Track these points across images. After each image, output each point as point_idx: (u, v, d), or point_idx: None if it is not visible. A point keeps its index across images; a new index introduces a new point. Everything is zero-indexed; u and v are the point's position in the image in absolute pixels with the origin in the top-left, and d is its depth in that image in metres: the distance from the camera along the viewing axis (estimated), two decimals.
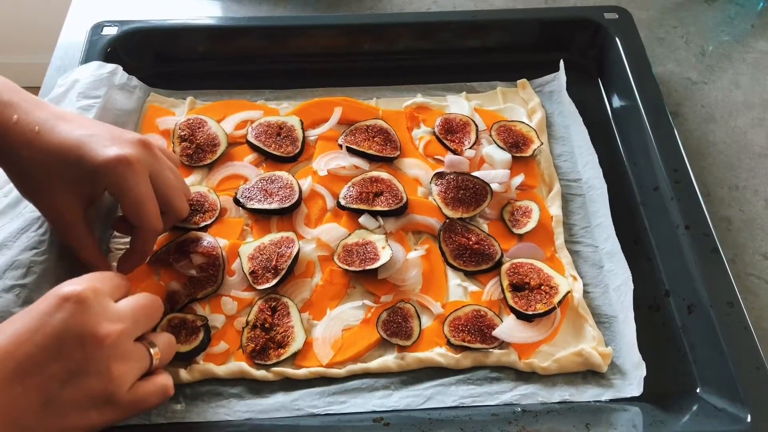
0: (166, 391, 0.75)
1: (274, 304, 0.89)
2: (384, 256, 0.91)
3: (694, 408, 0.81)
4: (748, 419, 0.77)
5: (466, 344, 0.86)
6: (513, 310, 0.88)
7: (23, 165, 0.80)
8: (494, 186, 0.99)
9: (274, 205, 0.96)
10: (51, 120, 0.80)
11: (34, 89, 0.94)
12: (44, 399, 0.66)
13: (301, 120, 1.06)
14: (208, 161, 1.02)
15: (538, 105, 1.11)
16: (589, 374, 0.85)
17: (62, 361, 0.66)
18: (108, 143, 0.80)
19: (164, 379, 0.75)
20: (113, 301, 0.72)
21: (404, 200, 0.97)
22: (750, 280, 0.95)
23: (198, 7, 1.29)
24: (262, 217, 0.98)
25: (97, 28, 1.12)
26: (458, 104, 1.10)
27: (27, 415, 0.65)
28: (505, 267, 0.92)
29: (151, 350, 0.75)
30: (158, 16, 1.20)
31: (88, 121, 0.85)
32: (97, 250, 0.86)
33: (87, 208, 0.84)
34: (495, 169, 1.02)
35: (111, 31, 1.12)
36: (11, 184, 0.90)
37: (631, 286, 0.89)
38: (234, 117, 1.08)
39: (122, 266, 0.86)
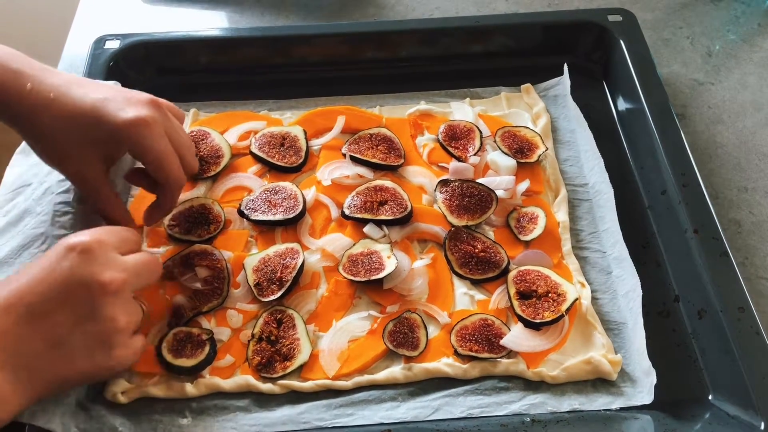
0: (143, 349, 0.80)
1: (279, 316, 0.89)
2: (389, 266, 0.90)
3: (707, 416, 0.80)
4: (762, 427, 0.76)
5: (473, 354, 0.85)
6: (520, 319, 0.87)
7: (43, 131, 0.83)
8: (499, 192, 0.98)
9: (279, 216, 0.96)
10: (64, 85, 0.84)
11: None
12: (53, 343, 0.70)
13: (304, 130, 1.06)
14: (212, 173, 1.02)
15: (542, 110, 1.10)
16: (599, 382, 0.84)
17: (69, 308, 0.71)
18: (124, 105, 0.83)
19: (143, 339, 0.80)
20: (119, 253, 0.76)
21: (409, 209, 0.96)
22: (761, 284, 0.93)
23: (200, 19, 1.29)
24: (267, 229, 0.97)
25: (100, 42, 1.12)
26: (462, 111, 1.10)
27: (36, 358, 0.70)
28: (511, 275, 0.91)
29: (143, 307, 0.79)
30: (160, 28, 1.20)
31: (99, 84, 0.89)
32: (122, 208, 0.91)
33: (109, 168, 0.89)
34: (500, 175, 1.01)
35: (113, 45, 1.12)
36: (11, 204, 0.91)
37: (640, 292, 0.88)
38: (237, 128, 1.07)
39: (148, 219, 0.92)
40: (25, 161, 0.97)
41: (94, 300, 0.72)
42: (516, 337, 0.86)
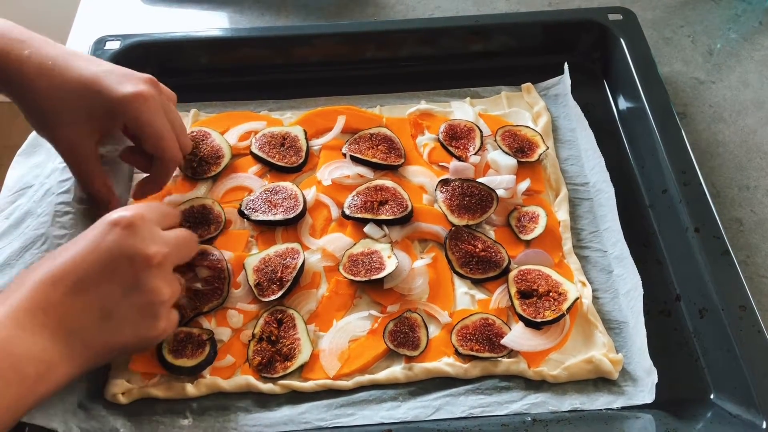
0: (176, 325, 0.82)
1: (280, 316, 0.89)
2: (390, 266, 0.90)
3: (708, 415, 0.80)
4: (764, 425, 0.75)
5: (474, 353, 0.85)
6: (521, 318, 0.87)
7: (39, 98, 0.84)
8: (500, 192, 0.98)
9: (279, 216, 0.96)
10: (64, 56, 0.85)
11: None
12: (101, 314, 0.73)
13: (304, 130, 1.06)
14: (213, 173, 1.02)
15: (543, 109, 1.10)
16: (600, 382, 0.84)
17: (116, 280, 0.73)
18: (123, 80, 0.85)
19: (177, 313, 0.82)
20: (159, 228, 0.79)
21: (409, 208, 0.96)
22: (763, 283, 0.93)
23: (199, 19, 1.29)
24: (267, 229, 0.97)
25: (100, 42, 1.12)
26: (462, 110, 1.10)
27: (87, 329, 0.72)
28: (512, 274, 0.91)
29: (181, 282, 0.82)
30: (160, 29, 1.20)
31: (98, 59, 0.90)
32: (107, 183, 0.91)
33: (99, 142, 0.89)
34: (500, 174, 1.01)
35: (114, 46, 1.12)
36: (13, 206, 0.91)
37: (641, 291, 0.88)
38: (237, 128, 1.07)
39: (138, 193, 0.93)
40: (26, 163, 0.97)
41: (140, 272, 0.74)
42: (517, 336, 0.86)
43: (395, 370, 0.85)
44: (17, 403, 0.66)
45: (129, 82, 0.85)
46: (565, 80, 1.11)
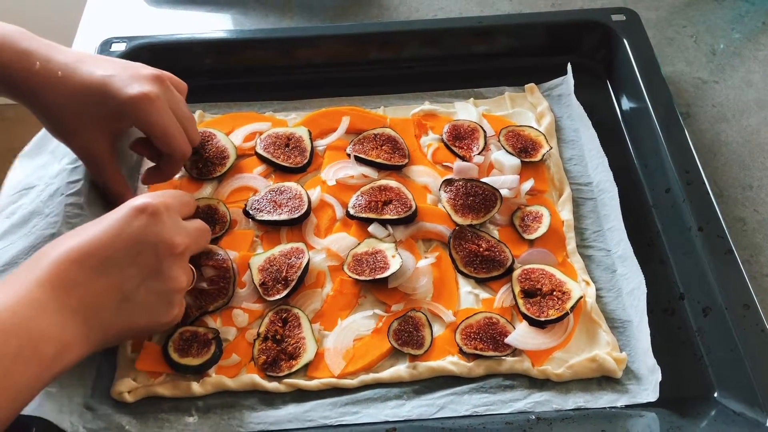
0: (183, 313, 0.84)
1: (285, 315, 0.89)
2: (394, 265, 0.91)
3: (712, 413, 0.80)
4: (767, 423, 0.75)
5: (478, 352, 0.85)
6: (525, 317, 0.87)
7: (51, 108, 0.87)
8: (504, 192, 0.98)
9: (284, 216, 0.96)
10: (72, 63, 0.86)
11: None
12: (121, 297, 0.74)
13: (309, 130, 1.06)
14: (218, 174, 1.03)
15: (546, 109, 1.10)
16: (604, 380, 0.84)
17: (138, 265, 0.75)
18: (129, 81, 0.86)
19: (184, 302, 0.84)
20: (180, 217, 0.81)
21: (413, 208, 0.97)
22: (766, 281, 0.93)
23: (204, 21, 1.30)
24: (272, 229, 0.98)
25: (106, 44, 1.13)
26: (466, 110, 1.10)
27: (105, 310, 0.73)
28: (516, 273, 0.91)
29: (194, 272, 0.85)
30: (165, 31, 1.20)
31: (105, 60, 0.91)
32: (124, 182, 0.95)
33: (114, 143, 0.92)
34: (504, 174, 1.01)
35: (119, 47, 1.13)
36: (15, 206, 0.91)
37: (645, 290, 0.88)
38: (242, 129, 1.08)
39: (146, 180, 0.96)
40: (30, 164, 0.98)
41: (162, 260, 0.76)
42: (521, 335, 0.86)
43: (400, 369, 0.85)
44: (34, 383, 0.66)
45: (135, 82, 0.86)
46: (568, 80, 1.11)
